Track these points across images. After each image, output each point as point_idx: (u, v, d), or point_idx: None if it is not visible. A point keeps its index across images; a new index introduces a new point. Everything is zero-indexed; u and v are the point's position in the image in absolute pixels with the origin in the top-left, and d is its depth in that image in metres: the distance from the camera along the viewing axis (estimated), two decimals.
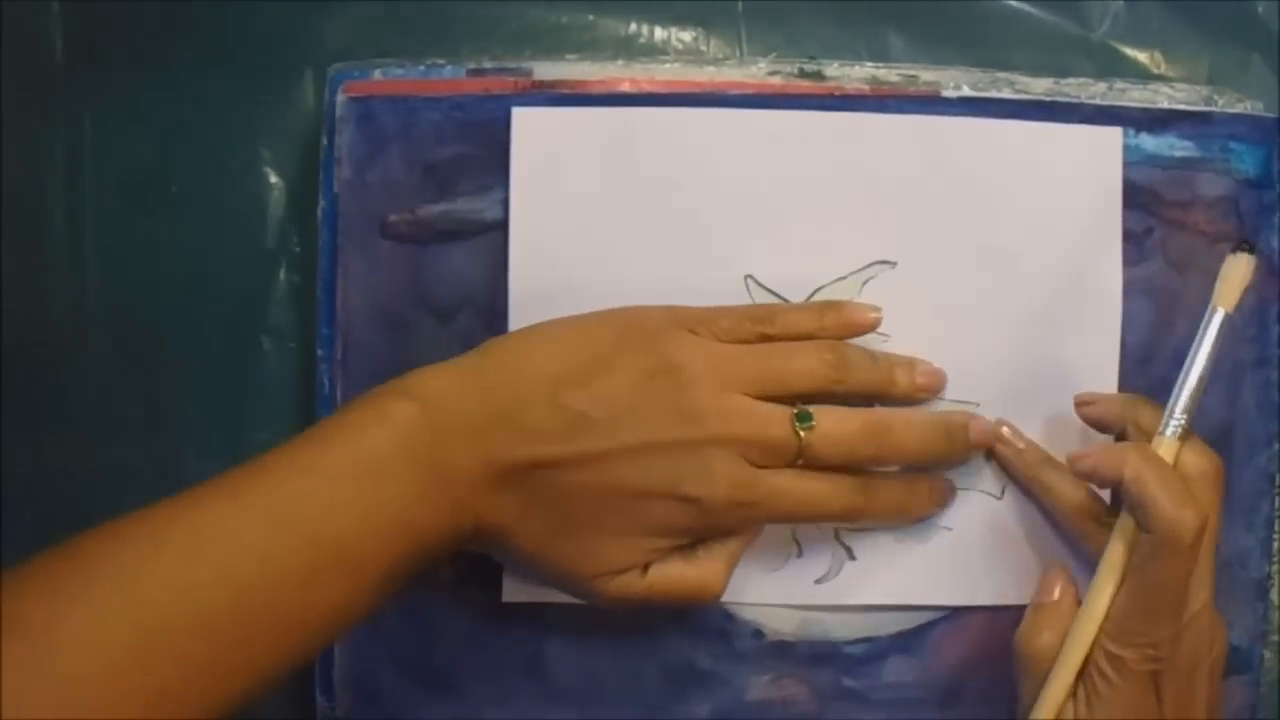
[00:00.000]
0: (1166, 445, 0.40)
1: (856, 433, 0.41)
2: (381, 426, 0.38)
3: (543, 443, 0.38)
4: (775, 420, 0.40)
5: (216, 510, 0.35)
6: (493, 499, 0.39)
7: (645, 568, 0.41)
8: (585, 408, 0.39)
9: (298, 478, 0.36)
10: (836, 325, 0.43)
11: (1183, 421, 0.40)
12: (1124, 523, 0.40)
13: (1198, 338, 0.41)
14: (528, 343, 0.41)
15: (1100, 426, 0.44)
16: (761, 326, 0.42)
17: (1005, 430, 0.44)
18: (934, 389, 0.44)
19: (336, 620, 0.37)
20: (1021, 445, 0.44)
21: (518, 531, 0.39)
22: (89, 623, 0.32)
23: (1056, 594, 0.42)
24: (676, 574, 0.41)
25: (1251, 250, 0.41)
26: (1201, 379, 0.40)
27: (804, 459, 0.40)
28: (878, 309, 0.43)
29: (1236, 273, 0.41)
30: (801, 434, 0.40)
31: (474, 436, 0.38)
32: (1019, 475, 0.44)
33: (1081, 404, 0.44)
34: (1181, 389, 0.40)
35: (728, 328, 0.41)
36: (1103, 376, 0.45)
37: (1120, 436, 0.43)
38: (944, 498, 0.45)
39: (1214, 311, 0.40)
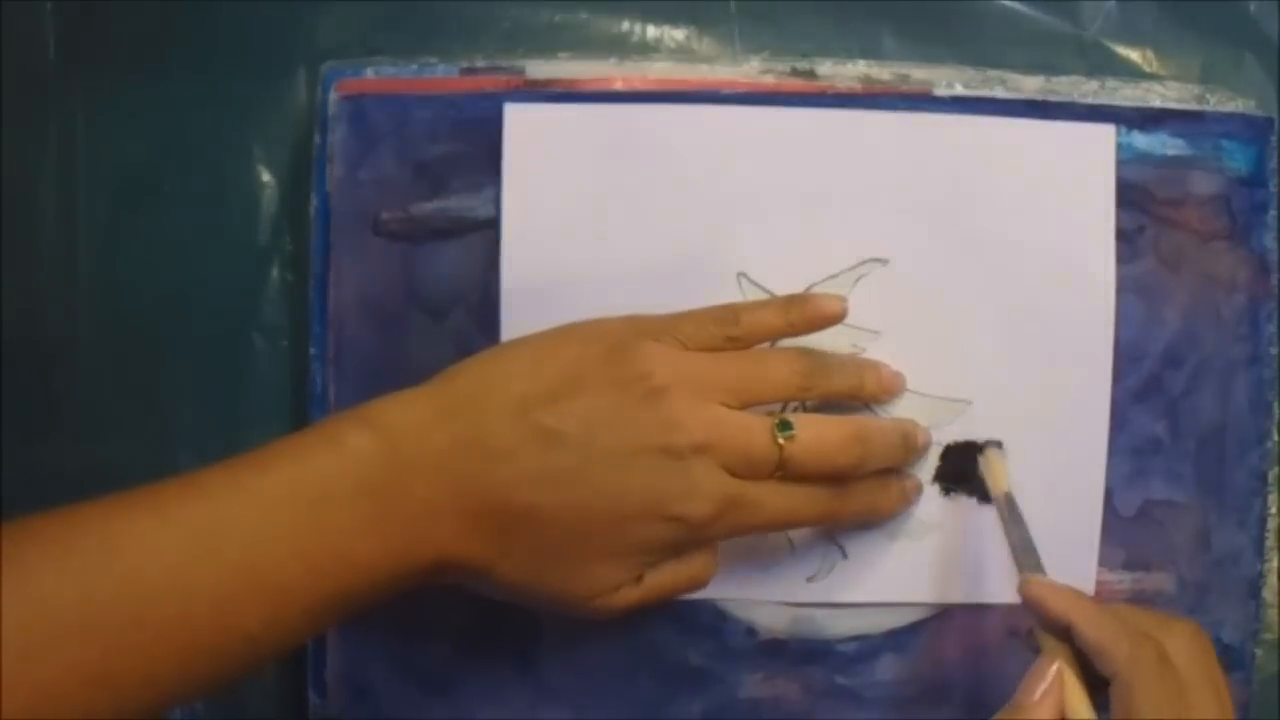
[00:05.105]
0: None
1: (836, 444, 0.40)
2: (332, 455, 0.36)
3: (514, 463, 0.37)
4: (755, 430, 0.39)
5: (137, 521, 0.34)
6: (466, 537, 0.37)
7: (639, 578, 0.40)
8: (557, 423, 0.37)
9: (230, 498, 0.35)
10: (803, 320, 0.41)
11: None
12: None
13: (999, 519, 0.43)
14: (492, 366, 0.39)
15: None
16: (726, 329, 0.40)
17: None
18: (896, 392, 0.44)
19: (257, 648, 0.35)
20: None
21: (499, 567, 0.38)
22: None
23: (1037, 695, 0.37)
24: (669, 574, 0.40)
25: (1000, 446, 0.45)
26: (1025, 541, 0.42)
27: (782, 471, 0.39)
28: (844, 298, 0.42)
29: (999, 463, 0.44)
30: (782, 444, 0.39)
31: (440, 470, 0.37)
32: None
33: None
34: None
35: (692, 333, 0.40)
36: (1095, 375, 0.45)
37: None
38: (912, 496, 0.45)
39: (999, 497, 0.43)
